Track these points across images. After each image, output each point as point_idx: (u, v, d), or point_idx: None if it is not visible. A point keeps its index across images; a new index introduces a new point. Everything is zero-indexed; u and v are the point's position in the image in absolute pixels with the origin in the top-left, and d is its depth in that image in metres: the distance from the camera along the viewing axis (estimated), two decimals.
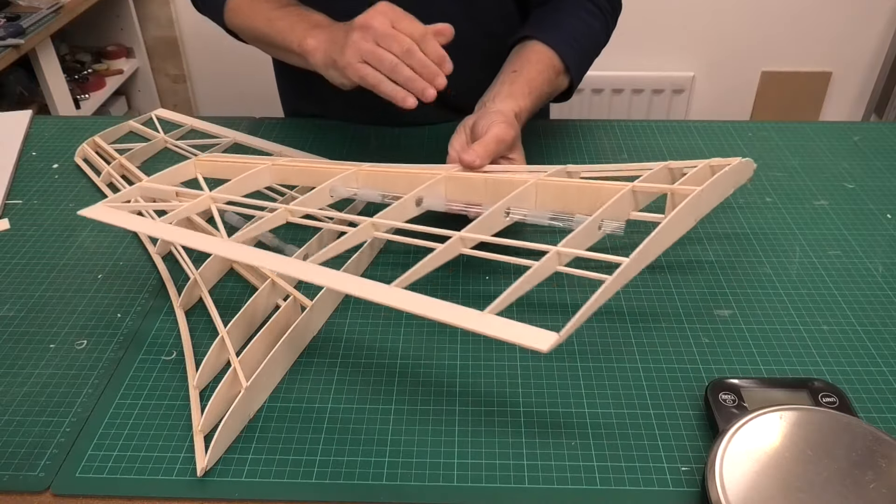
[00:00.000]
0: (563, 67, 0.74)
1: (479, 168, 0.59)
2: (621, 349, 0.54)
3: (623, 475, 0.45)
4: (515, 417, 0.49)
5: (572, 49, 0.75)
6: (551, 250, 0.45)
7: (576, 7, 0.79)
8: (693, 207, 0.51)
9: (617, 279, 0.42)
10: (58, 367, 0.53)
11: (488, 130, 0.61)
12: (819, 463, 0.41)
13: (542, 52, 0.73)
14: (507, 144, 0.61)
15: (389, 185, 0.60)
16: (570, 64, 0.74)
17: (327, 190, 0.59)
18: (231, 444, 0.47)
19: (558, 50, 0.73)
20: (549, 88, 0.73)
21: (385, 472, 0.46)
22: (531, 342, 0.38)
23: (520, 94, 0.68)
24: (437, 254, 0.46)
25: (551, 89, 0.74)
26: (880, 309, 0.58)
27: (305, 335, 0.55)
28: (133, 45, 2.08)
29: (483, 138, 0.60)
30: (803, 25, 1.94)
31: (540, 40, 0.74)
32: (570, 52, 0.74)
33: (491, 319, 0.40)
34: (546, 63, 0.72)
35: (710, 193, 0.54)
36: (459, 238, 0.48)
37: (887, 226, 0.68)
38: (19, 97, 1.72)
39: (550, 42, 0.74)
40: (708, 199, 0.54)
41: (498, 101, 0.67)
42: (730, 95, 2.06)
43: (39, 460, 0.46)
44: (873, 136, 0.84)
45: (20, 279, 0.63)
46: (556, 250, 0.45)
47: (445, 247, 0.47)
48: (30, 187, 0.76)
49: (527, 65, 0.72)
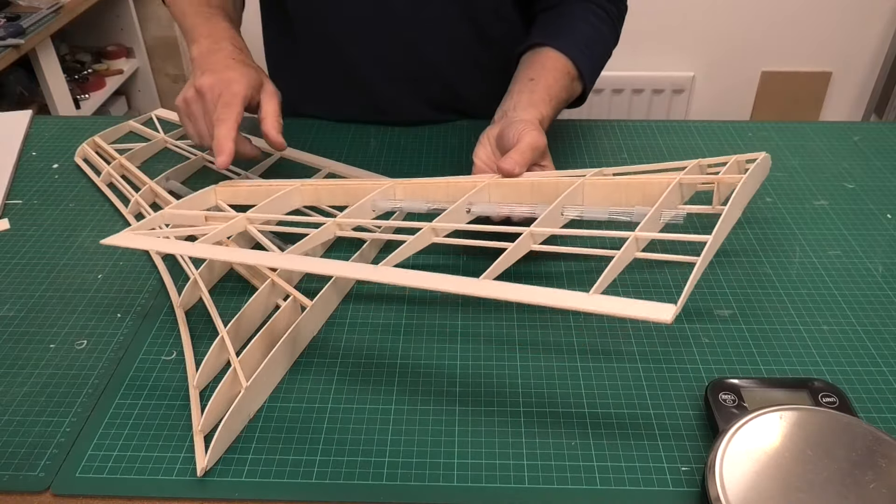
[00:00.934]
0: (577, 73, 0.74)
1: (518, 176, 0.59)
2: (621, 349, 0.54)
3: (623, 475, 0.45)
4: (515, 417, 0.49)
5: (584, 55, 0.75)
6: (630, 236, 0.46)
7: (584, 12, 0.78)
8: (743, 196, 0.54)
9: (706, 254, 0.44)
10: (58, 367, 0.53)
11: (520, 139, 0.61)
12: (819, 463, 0.41)
13: (556, 58, 0.73)
14: (540, 151, 0.62)
15: (429, 195, 0.60)
16: (584, 69, 0.74)
17: (369, 204, 0.58)
18: (231, 444, 0.47)
19: (572, 56, 0.73)
20: (565, 95, 0.73)
21: (385, 472, 0.46)
22: (654, 314, 0.39)
23: (540, 101, 0.68)
24: (513, 249, 0.47)
25: (567, 95, 0.74)
26: (880, 309, 0.58)
27: (305, 335, 0.55)
28: (133, 45, 2.09)
29: (518, 146, 0.60)
30: (803, 25, 1.94)
31: (553, 47, 0.74)
32: (583, 58, 0.74)
33: (601, 299, 0.41)
34: (561, 70, 0.72)
35: (751, 184, 0.56)
36: (529, 233, 0.48)
37: (887, 226, 0.68)
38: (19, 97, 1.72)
39: (563, 48, 0.74)
40: (749, 191, 0.57)
41: (520, 109, 0.67)
42: (730, 95, 2.06)
43: (39, 460, 0.46)
44: (873, 136, 0.84)
45: (20, 279, 0.63)
46: (635, 235, 0.46)
47: (519, 241, 0.48)
48: (30, 187, 0.76)
49: (543, 72, 0.72)
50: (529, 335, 0.56)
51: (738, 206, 0.52)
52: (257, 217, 0.57)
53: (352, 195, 0.61)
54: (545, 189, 0.57)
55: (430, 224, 0.50)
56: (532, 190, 0.58)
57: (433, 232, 0.51)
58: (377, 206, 0.59)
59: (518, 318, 0.57)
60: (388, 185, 0.60)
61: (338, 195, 0.62)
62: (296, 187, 0.62)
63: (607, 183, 0.56)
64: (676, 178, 0.54)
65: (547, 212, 0.51)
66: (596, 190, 0.56)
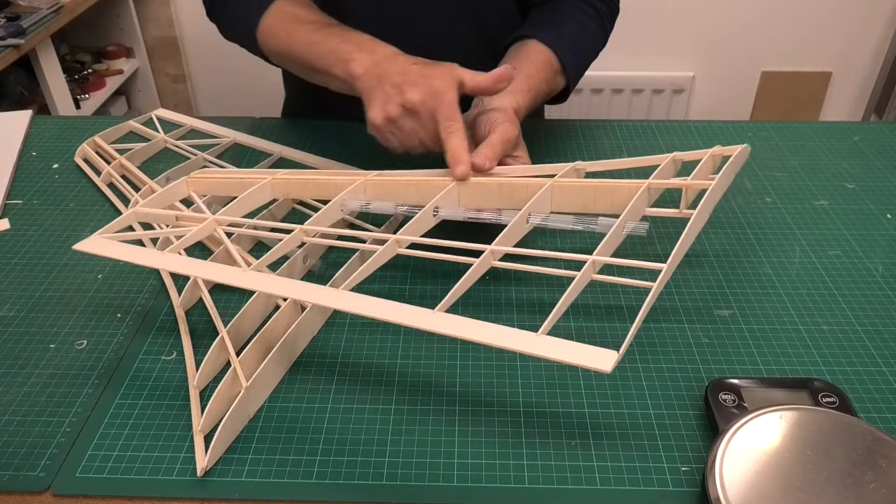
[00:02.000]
0: (561, 67, 0.74)
1: (488, 171, 0.59)
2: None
3: (623, 475, 0.45)
4: (515, 417, 0.49)
5: (569, 50, 0.74)
6: (588, 260, 0.46)
7: (574, 10, 0.79)
8: (711, 202, 0.53)
9: (658, 286, 0.44)
10: (58, 367, 0.53)
11: (491, 131, 0.61)
12: (819, 463, 0.41)
13: (540, 50, 0.73)
14: (512, 143, 0.61)
15: (399, 194, 0.59)
16: (567, 64, 0.74)
17: (338, 206, 0.58)
18: (231, 444, 0.47)
19: (556, 49, 0.73)
20: (546, 87, 0.73)
21: (385, 472, 0.46)
22: (593, 363, 0.38)
23: (518, 90, 0.68)
24: (472, 271, 0.46)
25: (549, 88, 0.74)
26: (880, 309, 0.58)
27: (305, 335, 0.55)
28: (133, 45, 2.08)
29: (489, 140, 0.60)
30: (803, 25, 1.94)
31: (538, 39, 0.74)
32: (568, 52, 0.74)
33: (547, 342, 0.40)
34: (544, 62, 0.72)
35: (722, 185, 0.56)
36: (490, 252, 0.48)
37: (887, 226, 0.68)
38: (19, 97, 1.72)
39: (548, 41, 0.73)
40: (720, 191, 0.56)
41: (496, 97, 0.67)
42: (730, 95, 2.06)
43: (39, 460, 0.46)
44: (873, 136, 0.84)
45: (20, 279, 0.63)
46: (592, 259, 0.46)
47: (479, 262, 0.47)
48: (30, 187, 0.76)
49: (525, 62, 0.71)
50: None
51: (704, 213, 0.52)
52: (226, 220, 0.56)
53: (322, 189, 0.61)
54: (513, 190, 0.57)
55: (394, 236, 0.50)
56: (500, 190, 0.57)
57: (397, 244, 0.51)
58: (346, 207, 0.58)
59: (518, 318, 0.57)
60: (357, 183, 0.59)
61: (308, 189, 0.62)
62: (267, 181, 0.61)
63: (575, 186, 0.56)
64: (645, 184, 0.53)
65: (513, 222, 0.51)
66: (564, 193, 0.56)
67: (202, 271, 0.51)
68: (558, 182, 0.56)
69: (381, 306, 0.44)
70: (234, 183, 0.63)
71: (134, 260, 0.52)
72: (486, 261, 0.48)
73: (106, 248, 0.53)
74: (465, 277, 0.45)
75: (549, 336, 0.40)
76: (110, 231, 0.56)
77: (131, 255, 0.52)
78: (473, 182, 0.58)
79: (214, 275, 0.50)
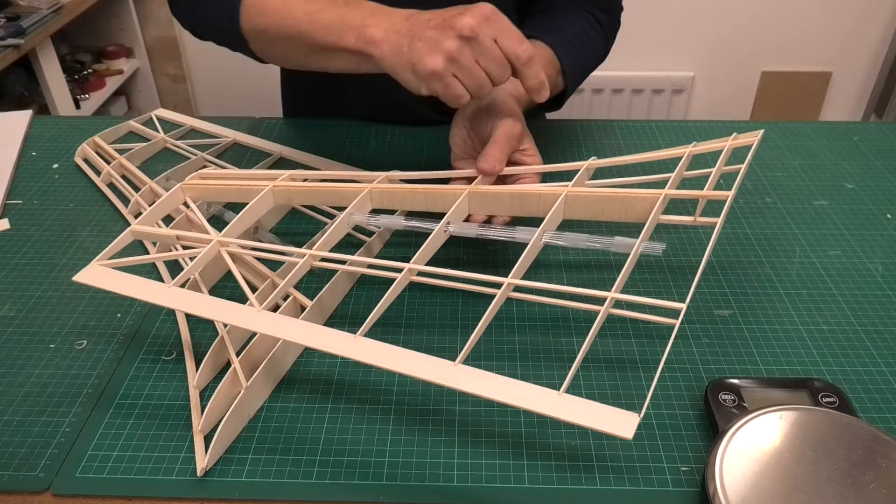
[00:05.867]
0: (561, 68, 0.74)
1: (499, 172, 0.58)
2: (621, 349, 0.54)
3: (623, 475, 0.45)
4: (515, 417, 0.49)
5: (570, 53, 0.74)
6: (607, 297, 0.44)
7: (576, 17, 0.78)
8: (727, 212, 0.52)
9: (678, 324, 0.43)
10: (58, 367, 0.53)
11: (495, 129, 0.60)
12: (819, 463, 0.41)
13: (541, 49, 0.73)
14: (517, 138, 0.60)
15: (407, 203, 0.59)
16: (567, 66, 0.74)
17: (345, 223, 0.56)
18: (231, 444, 0.47)
19: (557, 50, 0.73)
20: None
21: (385, 472, 0.46)
22: (614, 429, 0.37)
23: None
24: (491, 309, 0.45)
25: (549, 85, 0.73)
26: (880, 309, 0.58)
27: None
28: (133, 45, 2.09)
29: (494, 139, 0.59)
30: (803, 25, 1.94)
31: (540, 39, 0.74)
32: (568, 55, 0.74)
33: (568, 402, 0.39)
34: (546, 60, 0.72)
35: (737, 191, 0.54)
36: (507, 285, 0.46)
37: (887, 226, 0.68)
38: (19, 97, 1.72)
39: (550, 42, 0.73)
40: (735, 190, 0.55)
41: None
42: (730, 95, 2.06)
43: (39, 460, 0.46)
44: (873, 136, 0.84)
45: (20, 279, 0.63)
46: (611, 296, 0.44)
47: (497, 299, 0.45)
48: (30, 187, 0.76)
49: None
50: (529, 335, 0.56)
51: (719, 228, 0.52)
52: (231, 241, 0.55)
53: (325, 196, 0.60)
54: (525, 199, 0.56)
55: (407, 265, 0.49)
56: (512, 200, 0.56)
57: (410, 272, 0.49)
58: (353, 221, 0.57)
59: (518, 318, 0.57)
60: (363, 194, 0.58)
61: (311, 196, 0.61)
62: (268, 189, 0.59)
63: (591, 196, 0.54)
64: (661, 195, 0.52)
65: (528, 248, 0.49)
66: (578, 203, 0.55)
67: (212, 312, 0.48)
68: (573, 192, 0.54)
69: (399, 358, 0.43)
70: (231, 189, 0.62)
71: (137, 295, 0.49)
72: (503, 295, 0.46)
73: (106, 279, 0.51)
74: (483, 319, 0.44)
75: (569, 395, 0.39)
76: (109, 255, 0.54)
77: (134, 290, 0.50)
78: (484, 191, 0.56)
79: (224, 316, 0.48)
